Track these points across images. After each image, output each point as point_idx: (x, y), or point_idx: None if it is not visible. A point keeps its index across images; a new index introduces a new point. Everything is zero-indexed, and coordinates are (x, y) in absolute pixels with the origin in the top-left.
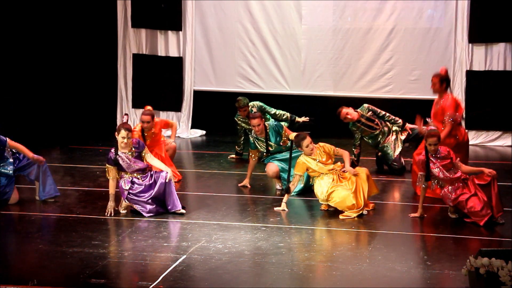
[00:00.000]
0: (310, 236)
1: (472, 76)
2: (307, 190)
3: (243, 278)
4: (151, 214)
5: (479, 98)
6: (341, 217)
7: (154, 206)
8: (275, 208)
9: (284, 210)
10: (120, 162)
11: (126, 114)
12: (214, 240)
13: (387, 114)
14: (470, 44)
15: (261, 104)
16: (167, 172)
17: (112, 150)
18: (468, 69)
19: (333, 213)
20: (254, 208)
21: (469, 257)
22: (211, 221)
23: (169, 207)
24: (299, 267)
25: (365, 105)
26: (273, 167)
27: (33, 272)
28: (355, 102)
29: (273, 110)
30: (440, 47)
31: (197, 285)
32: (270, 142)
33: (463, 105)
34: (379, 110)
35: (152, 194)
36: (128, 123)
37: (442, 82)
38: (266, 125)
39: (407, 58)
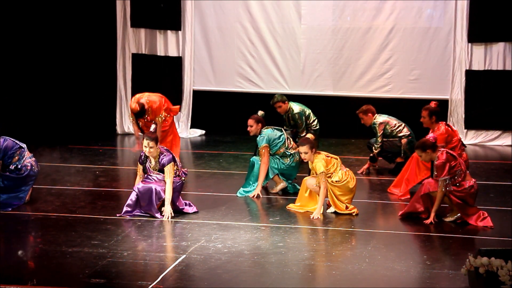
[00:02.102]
0: (309, 235)
1: (471, 75)
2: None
3: (243, 277)
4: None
5: (479, 98)
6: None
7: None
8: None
9: (318, 217)
10: (147, 165)
11: (154, 123)
12: (213, 240)
13: (396, 132)
14: (470, 44)
15: (303, 109)
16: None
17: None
18: (467, 68)
19: (332, 213)
20: (253, 208)
21: (468, 256)
22: (210, 220)
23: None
24: (298, 267)
25: (379, 121)
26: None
27: (32, 272)
28: (355, 102)
29: (311, 119)
30: (439, 47)
31: (196, 285)
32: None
33: (462, 108)
34: (390, 130)
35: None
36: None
37: (431, 115)
38: (263, 132)
39: (406, 58)
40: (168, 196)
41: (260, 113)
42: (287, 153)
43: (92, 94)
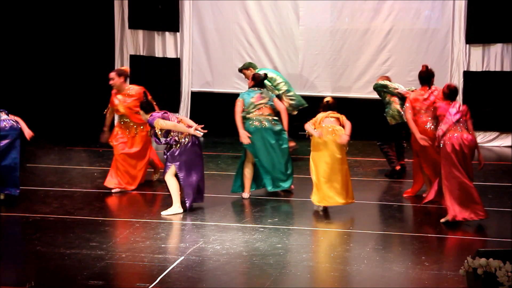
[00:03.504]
0: (307, 237)
1: (469, 76)
2: (303, 190)
3: (241, 279)
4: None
5: (477, 99)
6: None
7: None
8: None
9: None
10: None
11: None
12: (212, 241)
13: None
14: (467, 45)
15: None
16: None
17: None
18: (465, 69)
19: (330, 213)
20: (252, 209)
21: (467, 257)
22: (209, 222)
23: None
24: (297, 268)
25: (379, 82)
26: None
27: (31, 274)
28: (353, 103)
29: (276, 82)
30: (437, 48)
31: (195, 286)
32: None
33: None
34: (390, 89)
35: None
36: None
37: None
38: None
39: (404, 59)
40: (189, 123)
41: (263, 73)
42: (246, 116)
43: (91, 96)
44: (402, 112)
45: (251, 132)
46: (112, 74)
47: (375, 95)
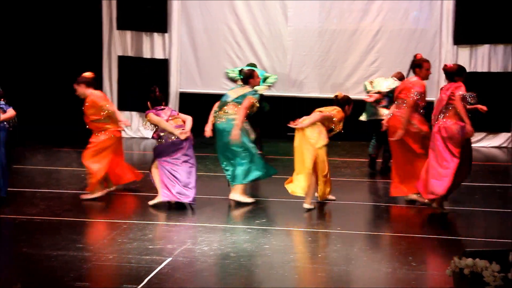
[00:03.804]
0: (295, 237)
1: None
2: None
3: (229, 280)
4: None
5: None
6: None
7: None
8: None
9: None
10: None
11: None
12: (199, 242)
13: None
14: (455, 46)
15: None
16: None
17: None
18: None
19: (318, 214)
20: (239, 210)
21: (453, 257)
22: (196, 223)
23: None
24: (284, 269)
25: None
26: None
27: (17, 275)
28: None
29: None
30: (425, 49)
31: (182, 287)
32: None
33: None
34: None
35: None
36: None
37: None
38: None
39: (392, 60)
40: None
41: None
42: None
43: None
44: (373, 111)
45: (214, 128)
46: (74, 85)
47: (363, 96)
